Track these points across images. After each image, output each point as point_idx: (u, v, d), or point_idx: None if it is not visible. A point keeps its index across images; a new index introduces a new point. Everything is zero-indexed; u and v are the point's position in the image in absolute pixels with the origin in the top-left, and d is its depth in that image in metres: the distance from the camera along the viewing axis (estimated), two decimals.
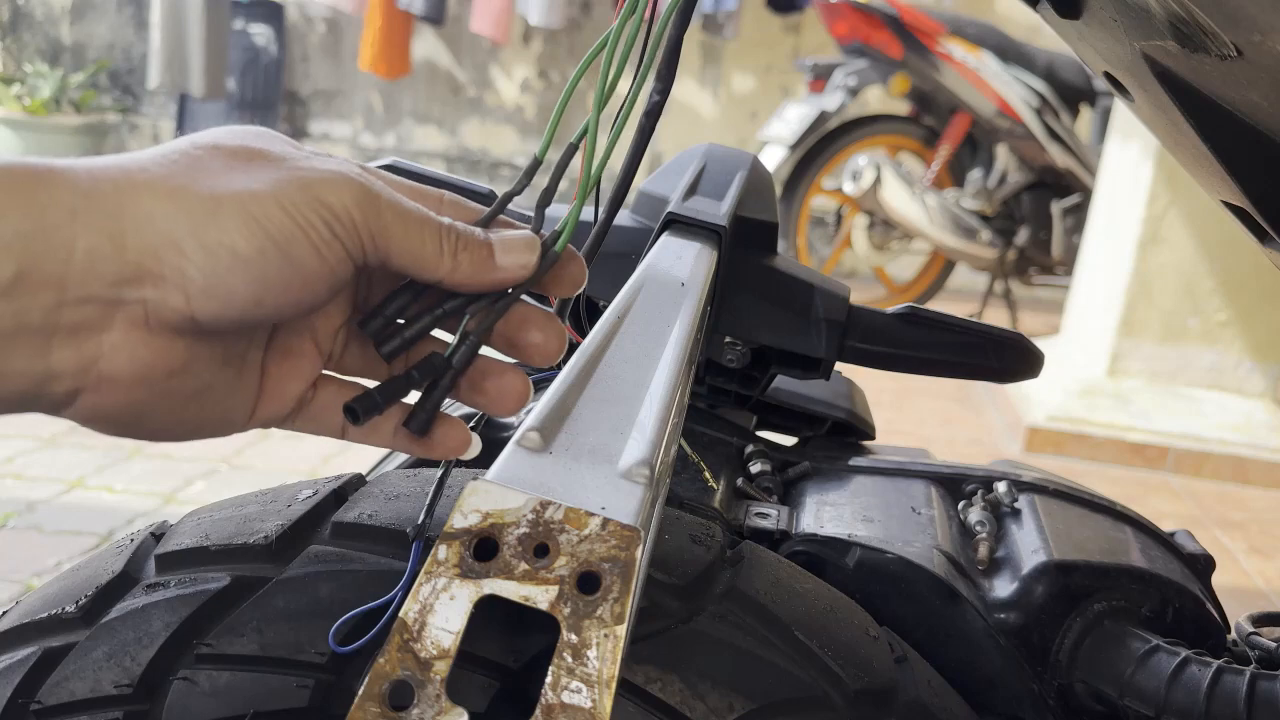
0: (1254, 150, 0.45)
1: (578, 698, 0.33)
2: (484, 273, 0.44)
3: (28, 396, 0.38)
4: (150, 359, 0.39)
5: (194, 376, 0.41)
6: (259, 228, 0.39)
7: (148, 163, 0.39)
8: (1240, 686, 0.59)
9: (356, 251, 0.41)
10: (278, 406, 0.46)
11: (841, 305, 0.70)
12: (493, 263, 0.44)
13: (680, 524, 0.56)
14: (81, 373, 0.38)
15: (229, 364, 0.43)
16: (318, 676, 0.48)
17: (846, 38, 3.95)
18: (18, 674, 0.48)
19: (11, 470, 2.33)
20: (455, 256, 0.44)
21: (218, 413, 0.43)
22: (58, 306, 0.37)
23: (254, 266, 0.39)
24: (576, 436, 0.39)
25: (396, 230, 0.42)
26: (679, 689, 0.48)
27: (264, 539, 0.52)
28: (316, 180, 0.41)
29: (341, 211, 0.40)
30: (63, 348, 0.38)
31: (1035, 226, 4.07)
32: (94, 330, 0.38)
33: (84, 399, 0.39)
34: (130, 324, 0.38)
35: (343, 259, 0.41)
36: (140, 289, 0.38)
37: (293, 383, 0.46)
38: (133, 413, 0.40)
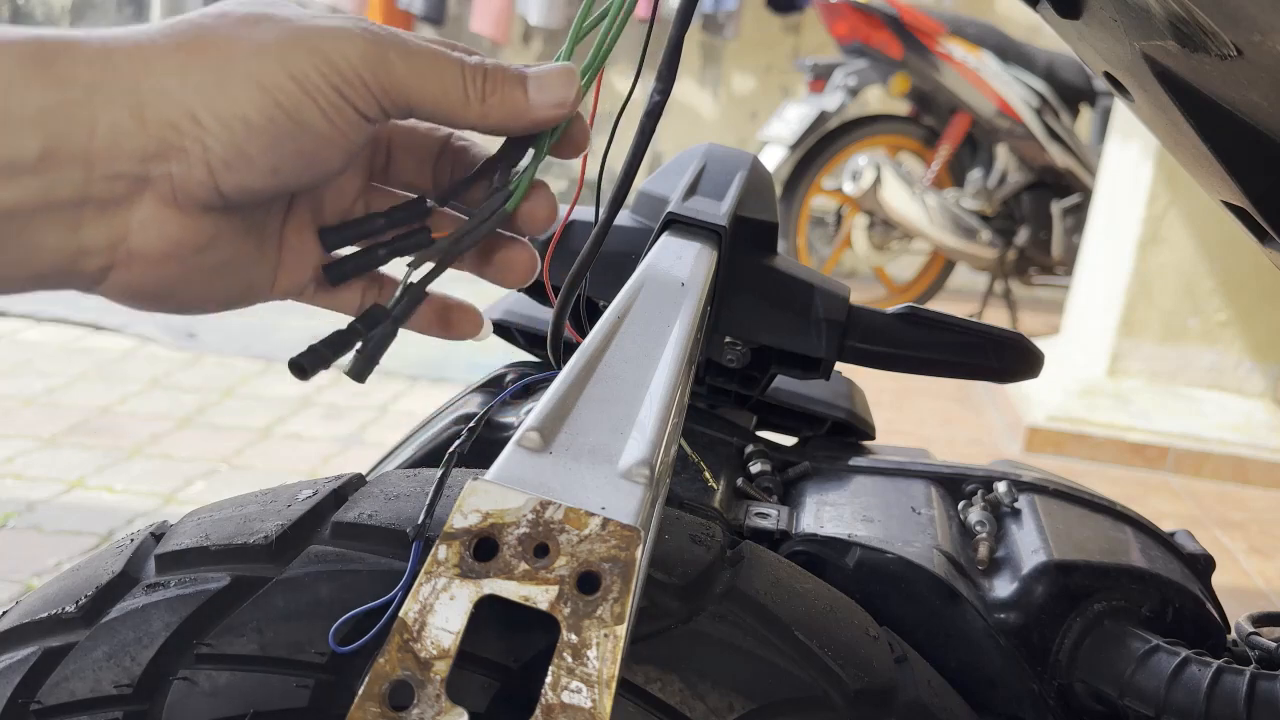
0: (1254, 150, 0.45)
1: (578, 698, 0.33)
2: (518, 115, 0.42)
3: (60, 272, 0.39)
4: (178, 234, 0.40)
5: (219, 250, 0.42)
6: (267, 96, 0.38)
7: (156, 35, 0.39)
8: (1240, 686, 0.59)
9: (371, 110, 0.40)
10: (297, 278, 0.46)
11: (841, 305, 0.70)
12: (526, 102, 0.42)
13: (680, 524, 0.56)
14: (111, 249, 0.39)
15: (250, 236, 0.43)
16: (318, 676, 0.48)
17: (846, 38, 3.95)
18: (18, 674, 0.48)
19: (11, 470, 2.33)
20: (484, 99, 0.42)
21: (242, 284, 0.44)
22: (86, 182, 0.37)
23: (267, 135, 0.39)
24: (576, 436, 0.39)
25: (412, 78, 0.40)
26: (679, 689, 0.48)
27: (264, 539, 0.52)
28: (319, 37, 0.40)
29: (347, 70, 0.39)
30: (93, 224, 0.38)
31: (1035, 226, 4.07)
32: (122, 206, 0.38)
33: (115, 275, 0.40)
34: (158, 199, 0.39)
35: (355, 122, 0.40)
36: (165, 163, 0.38)
37: (311, 254, 0.46)
38: (163, 287, 0.41)
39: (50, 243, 0.37)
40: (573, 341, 0.65)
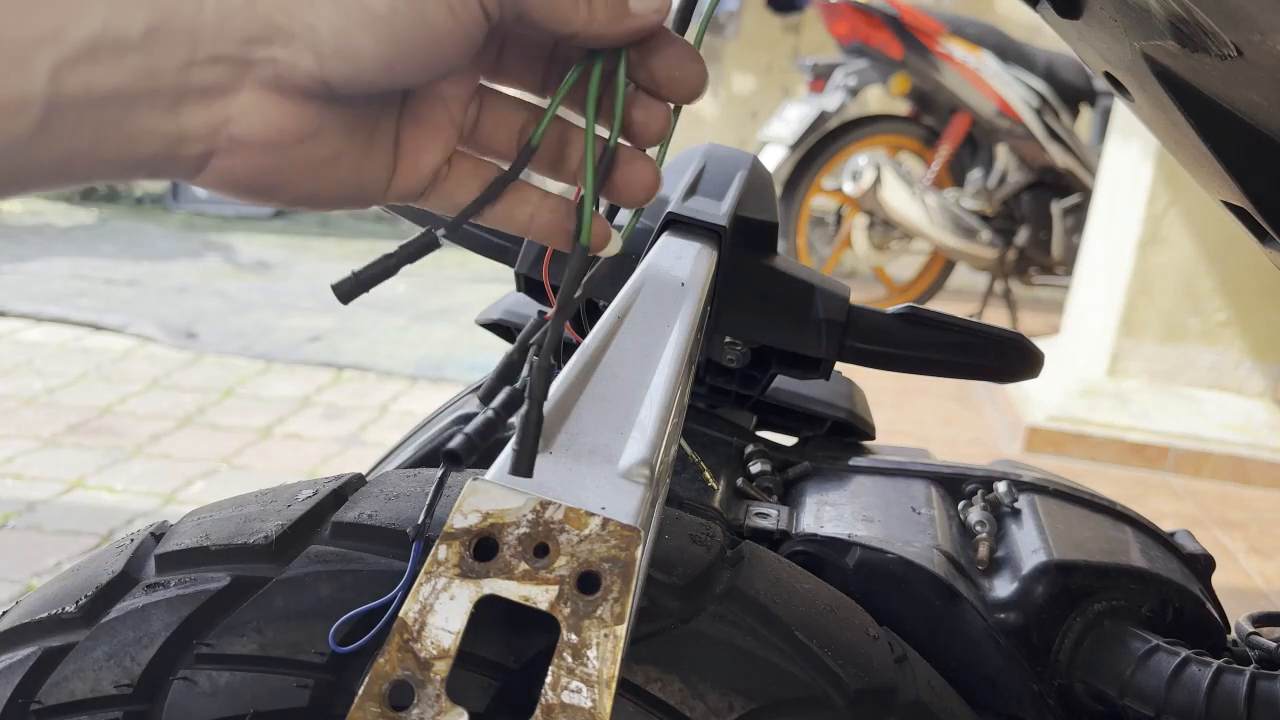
0: (1254, 150, 0.45)
1: (578, 698, 0.33)
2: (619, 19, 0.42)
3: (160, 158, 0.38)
4: (281, 122, 0.39)
5: (325, 143, 0.40)
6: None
7: None
8: (1240, 686, 0.59)
9: (492, 5, 0.39)
10: (414, 179, 0.45)
11: (841, 305, 0.70)
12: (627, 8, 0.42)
13: (680, 524, 0.56)
14: (212, 135, 0.38)
15: (360, 131, 0.42)
16: (318, 676, 0.48)
17: (846, 38, 3.95)
18: (18, 674, 0.48)
19: (11, 470, 2.33)
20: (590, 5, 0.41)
21: (353, 182, 0.43)
22: (188, 64, 0.36)
23: (385, 25, 0.37)
24: (576, 436, 0.39)
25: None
26: (679, 689, 0.48)
27: (264, 539, 0.52)
28: None
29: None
30: (194, 108, 0.37)
31: (1035, 226, 4.07)
32: (225, 91, 0.37)
33: (216, 162, 0.39)
34: (261, 85, 0.38)
35: (477, 16, 0.39)
36: (271, 47, 0.37)
37: (427, 154, 0.45)
38: (266, 178, 0.40)
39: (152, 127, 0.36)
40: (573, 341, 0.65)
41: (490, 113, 0.47)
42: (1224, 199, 0.53)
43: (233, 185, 0.40)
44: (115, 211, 5.23)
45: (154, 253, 4.42)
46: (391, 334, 3.55)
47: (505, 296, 0.85)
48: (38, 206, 5.13)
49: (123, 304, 3.62)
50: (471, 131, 0.46)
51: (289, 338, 3.39)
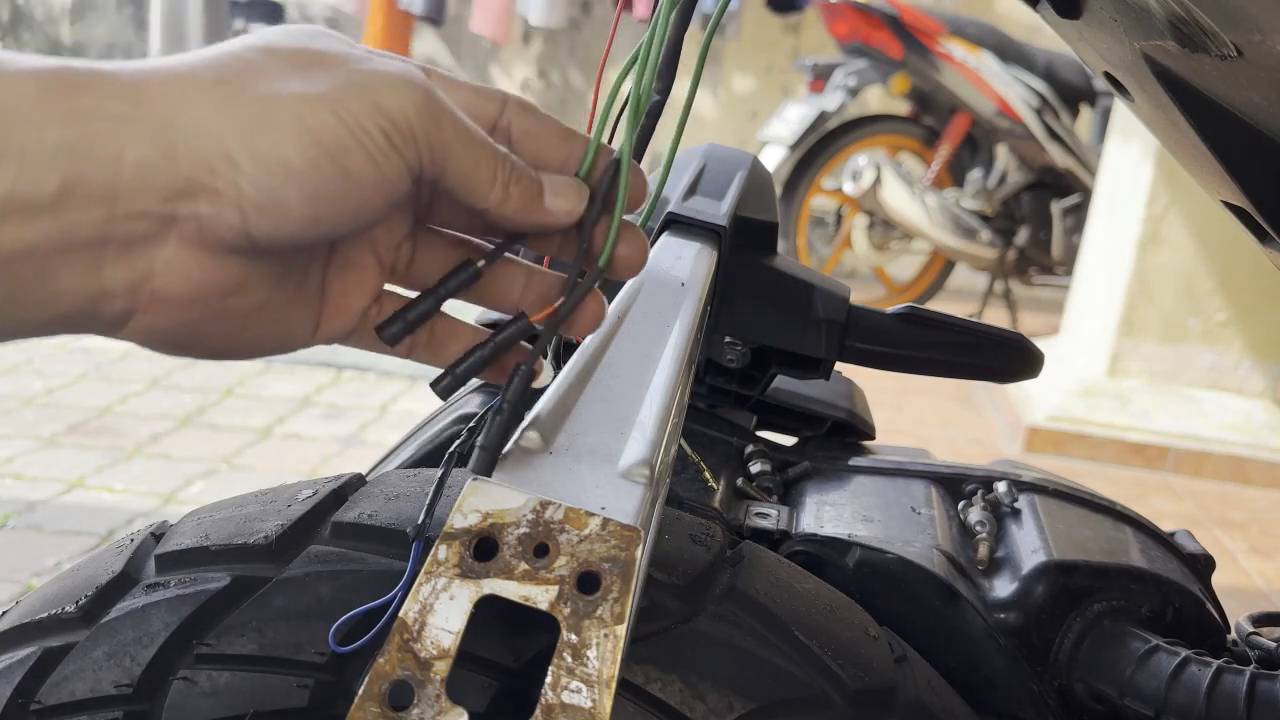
0: (1254, 150, 0.45)
1: (578, 698, 0.33)
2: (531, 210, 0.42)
3: (81, 316, 0.37)
4: (205, 278, 0.38)
5: (251, 295, 0.40)
6: (312, 137, 0.37)
7: (197, 66, 0.37)
8: (1240, 686, 0.59)
9: (414, 163, 0.39)
10: (341, 323, 0.44)
11: (841, 305, 0.70)
12: (541, 202, 0.43)
13: (680, 524, 0.56)
14: (134, 291, 0.37)
15: (287, 280, 0.41)
16: (318, 676, 0.48)
17: (846, 38, 3.95)
18: (18, 674, 0.48)
19: (11, 470, 2.33)
20: (507, 188, 0.41)
21: (278, 330, 0.42)
22: (108, 221, 0.35)
23: (308, 180, 0.37)
24: (576, 436, 0.39)
25: (455, 147, 0.40)
26: (679, 689, 0.48)
27: (264, 539, 0.52)
28: (376, 84, 0.38)
29: (401, 119, 0.38)
30: (115, 265, 0.36)
31: (1035, 226, 4.07)
32: (146, 247, 0.36)
33: (138, 319, 0.38)
34: (184, 241, 0.37)
35: (400, 171, 0.39)
36: (194, 203, 0.36)
37: (355, 298, 0.44)
38: (189, 332, 0.39)
39: (70, 285, 0.35)
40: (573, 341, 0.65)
41: (425, 250, 0.46)
42: (1224, 199, 0.53)
43: (156, 340, 0.39)
44: None
45: None
46: None
47: None
48: None
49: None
50: (406, 268, 0.46)
51: None
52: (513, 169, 0.42)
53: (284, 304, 0.42)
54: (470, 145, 0.40)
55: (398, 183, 0.39)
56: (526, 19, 5.03)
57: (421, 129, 0.38)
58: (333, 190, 0.37)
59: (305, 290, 0.43)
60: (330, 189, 0.37)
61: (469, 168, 0.40)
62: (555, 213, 0.43)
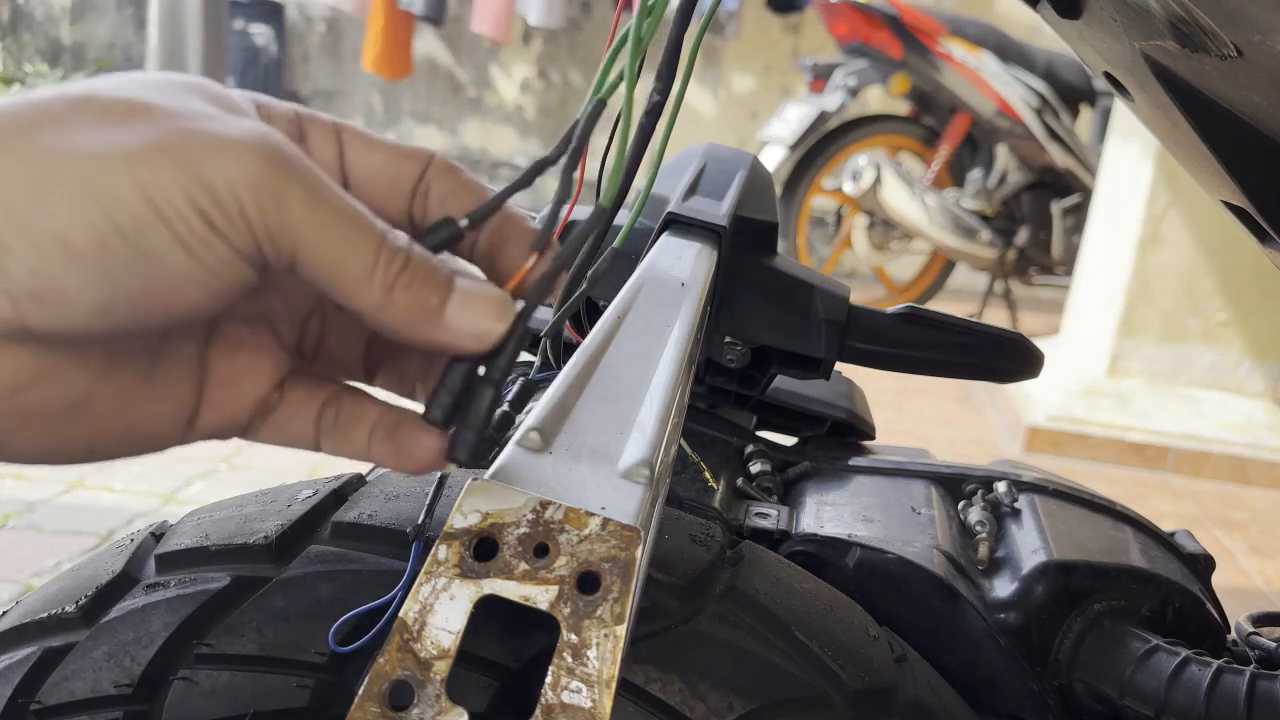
0: (1254, 150, 0.45)
1: (578, 698, 0.33)
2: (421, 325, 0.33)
3: None
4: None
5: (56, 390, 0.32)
6: (100, 212, 0.29)
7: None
8: (1240, 686, 0.59)
9: (249, 250, 0.31)
10: (229, 412, 0.36)
11: (841, 305, 0.70)
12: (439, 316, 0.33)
13: (680, 524, 0.56)
14: None
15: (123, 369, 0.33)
16: (318, 676, 0.48)
17: (846, 38, 3.95)
18: (18, 674, 0.48)
19: (11, 470, 2.32)
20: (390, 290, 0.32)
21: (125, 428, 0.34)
22: None
23: (94, 265, 0.29)
24: (576, 436, 0.39)
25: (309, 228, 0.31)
26: (679, 689, 0.48)
27: (264, 539, 0.52)
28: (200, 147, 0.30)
29: (225, 195, 0.30)
30: None
31: (1035, 226, 4.08)
32: None
33: None
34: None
35: (228, 260, 0.31)
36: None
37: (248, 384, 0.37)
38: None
39: None
40: (573, 341, 0.65)
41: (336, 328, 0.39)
42: (1224, 199, 0.53)
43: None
44: None
45: None
46: None
47: None
48: None
49: None
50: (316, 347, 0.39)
51: None
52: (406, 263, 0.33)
53: (126, 397, 0.33)
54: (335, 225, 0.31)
55: (224, 273, 0.31)
56: (526, 19, 5.03)
57: (255, 208, 0.30)
58: (128, 278, 0.30)
59: (165, 378, 0.35)
60: (125, 276, 0.30)
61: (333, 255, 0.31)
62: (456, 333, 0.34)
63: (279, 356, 0.38)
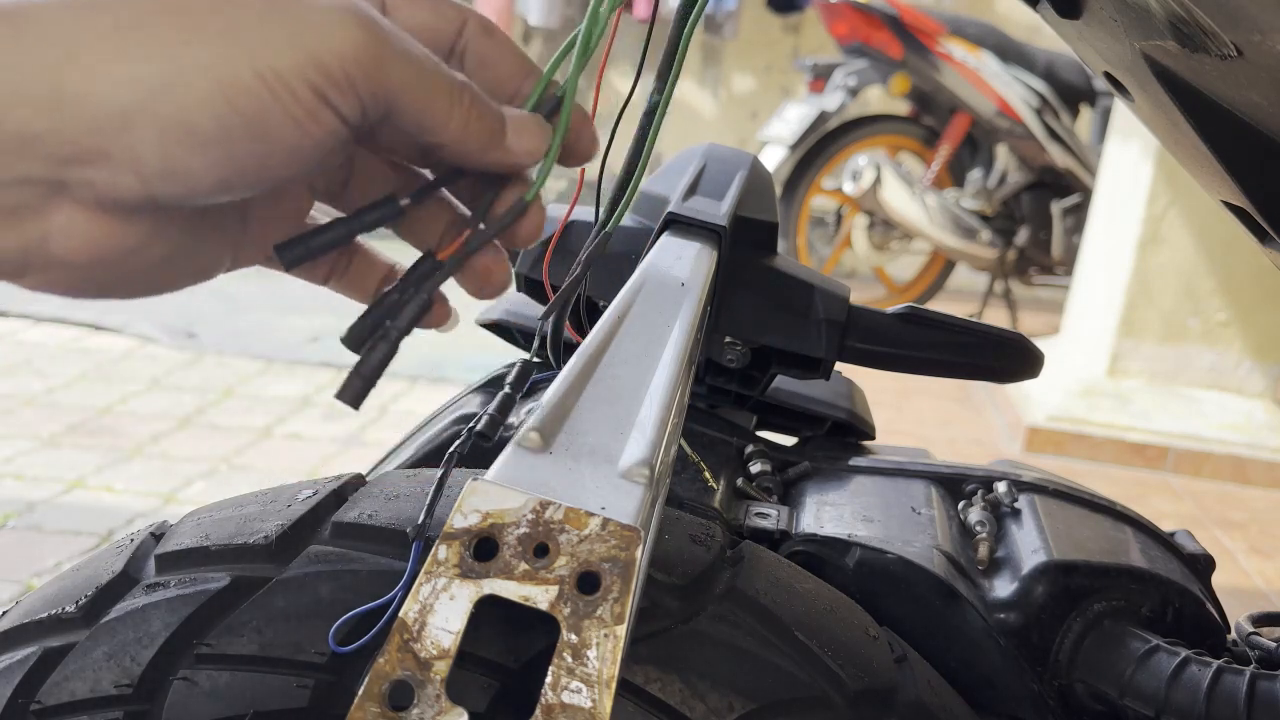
0: (1254, 150, 0.45)
1: (578, 698, 0.33)
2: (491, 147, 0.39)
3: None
4: (104, 239, 0.34)
5: (161, 245, 0.36)
6: (224, 100, 0.32)
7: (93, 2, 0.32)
8: (1240, 686, 0.59)
9: (354, 114, 0.35)
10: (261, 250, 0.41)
11: (841, 305, 0.70)
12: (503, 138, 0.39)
13: (680, 524, 0.56)
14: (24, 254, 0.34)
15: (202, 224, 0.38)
16: (318, 676, 0.48)
17: (846, 38, 3.95)
18: (18, 674, 0.48)
19: (11, 470, 2.32)
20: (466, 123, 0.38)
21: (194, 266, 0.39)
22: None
23: (217, 145, 0.33)
24: (576, 436, 0.39)
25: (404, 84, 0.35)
26: (679, 689, 0.48)
27: (264, 539, 0.52)
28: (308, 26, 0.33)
29: (337, 71, 0.33)
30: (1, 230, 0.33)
31: (1035, 226, 4.08)
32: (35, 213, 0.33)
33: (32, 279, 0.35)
34: (78, 205, 0.33)
35: (333, 126, 0.35)
36: (86, 169, 0.32)
37: (281, 226, 0.41)
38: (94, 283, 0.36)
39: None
40: (573, 341, 0.65)
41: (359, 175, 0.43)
42: (1224, 199, 0.53)
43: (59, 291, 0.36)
44: None
45: None
46: None
47: (505, 296, 0.85)
48: None
49: (123, 304, 3.62)
50: (340, 190, 0.43)
51: (289, 338, 3.39)
52: (474, 101, 0.38)
53: (200, 245, 0.38)
54: (424, 82, 0.36)
55: (327, 139, 0.35)
56: (526, 19, 5.04)
57: (362, 77, 0.34)
58: (246, 155, 0.33)
59: (223, 225, 0.39)
60: (243, 154, 0.33)
61: (422, 105, 0.36)
62: (516, 152, 0.40)
63: (307, 200, 0.42)
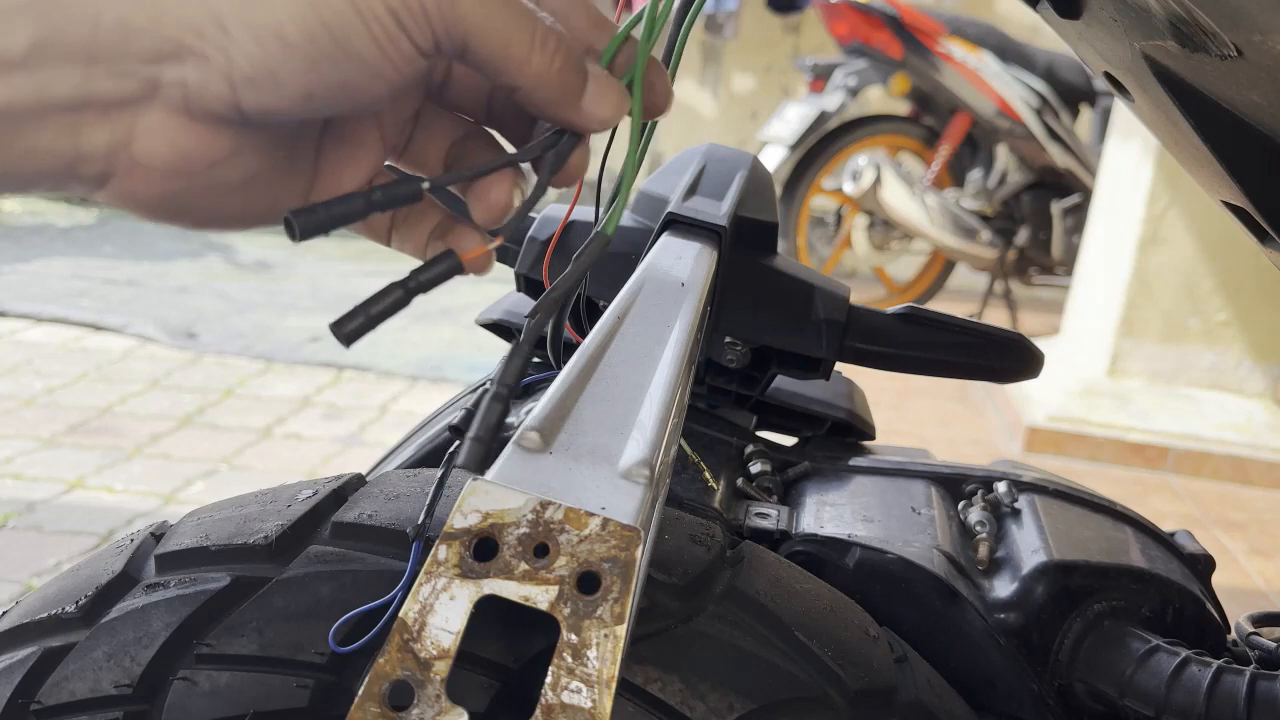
0: (1254, 150, 0.45)
1: (578, 698, 0.33)
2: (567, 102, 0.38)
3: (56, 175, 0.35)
4: (190, 146, 0.36)
5: (240, 166, 0.38)
6: (313, 12, 0.34)
7: None
8: (1240, 686, 0.59)
9: (427, 44, 0.36)
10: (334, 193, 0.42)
11: (841, 305, 0.70)
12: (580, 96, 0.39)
13: (680, 524, 0.56)
14: (113, 155, 0.35)
15: (279, 150, 0.39)
16: (318, 676, 0.48)
17: (846, 38, 3.95)
18: (18, 674, 0.48)
19: (11, 470, 2.33)
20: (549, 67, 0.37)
21: (266, 201, 0.40)
22: (85, 81, 0.33)
23: (304, 56, 0.35)
24: (576, 436, 0.39)
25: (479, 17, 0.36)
26: (679, 689, 0.48)
27: (264, 539, 0.52)
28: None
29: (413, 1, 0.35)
30: (93, 127, 0.34)
31: (1035, 226, 4.07)
32: (128, 109, 0.35)
33: (117, 183, 0.36)
34: (169, 107, 0.35)
35: (410, 55, 0.36)
36: (180, 68, 0.34)
37: (350, 172, 0.42)
38: (172, 201, 0.37)
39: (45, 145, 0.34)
40: (573, 341, 0.65)
41: (425, 129, 0.44)
42: (1224, 199, 0.53)
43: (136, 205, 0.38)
44: (115, 211, 5.23)
45: (154, 253, 4.42)
46: (392, 334, 3.55)
47: (505, 296, 0.85)
48: (38, 206, 5.13)
49: (123, 304, 3.62)
50: (405, 146, 0.44)
51: (289, 338, 3.39)
52: (559, 48, 0.38)
53: (273, 174, 0.39)
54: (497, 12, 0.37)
55: (405, 67, 0.36)
56: None
57: (436, 7, 0.36)
58: (331, 70, 0.35)
59: (297, 160, 0.40)
60: (328, 68, 0.35)
61: (500, 38, 0.37)
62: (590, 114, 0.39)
63: (379, 151, 0.43)
